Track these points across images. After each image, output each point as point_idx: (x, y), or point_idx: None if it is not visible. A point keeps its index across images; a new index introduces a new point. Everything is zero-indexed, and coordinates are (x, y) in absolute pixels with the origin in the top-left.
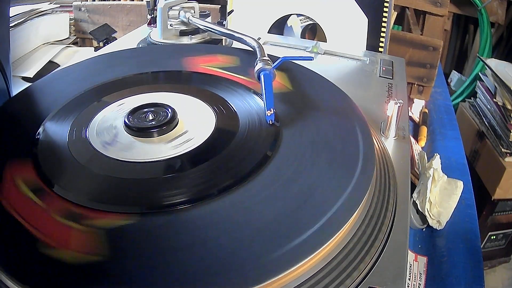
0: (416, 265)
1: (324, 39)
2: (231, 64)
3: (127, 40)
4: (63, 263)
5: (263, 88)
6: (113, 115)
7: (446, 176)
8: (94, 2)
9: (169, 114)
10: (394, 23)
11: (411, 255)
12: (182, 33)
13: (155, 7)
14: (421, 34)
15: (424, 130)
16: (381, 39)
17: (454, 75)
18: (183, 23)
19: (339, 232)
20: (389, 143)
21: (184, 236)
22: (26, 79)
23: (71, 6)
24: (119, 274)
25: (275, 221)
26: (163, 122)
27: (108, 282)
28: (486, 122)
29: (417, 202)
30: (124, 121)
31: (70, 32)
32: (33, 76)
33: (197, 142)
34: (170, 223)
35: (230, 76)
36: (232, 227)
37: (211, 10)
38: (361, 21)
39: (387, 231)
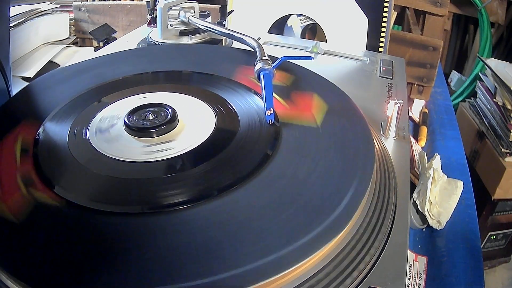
0: (416, 265)
1: (324, 39)
2: (282, 83)
3: (127, 40)
4: None
5: (263, 88)
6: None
7: (446, 176)
8: (94, 2)
9: (169, 114)
10: (394, 23)
11: (411, 255)
12: (182, 33)
13: (155, 7)
14: (421, 34)
15: (424, 130)
16: (381, 39)
17: (454, 75)
18: (183, 23)
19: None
20: (389, 143)
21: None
22: (26, 79)
23: (71, 6)
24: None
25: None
26: (163, 122)
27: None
28: (486, 122)
29: (417, 202)
30: (124, 121)
31: (70, 32)
32: (33, 76)
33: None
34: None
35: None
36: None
37: (211, 10)
38: (361, 21)
39: (387, 231)
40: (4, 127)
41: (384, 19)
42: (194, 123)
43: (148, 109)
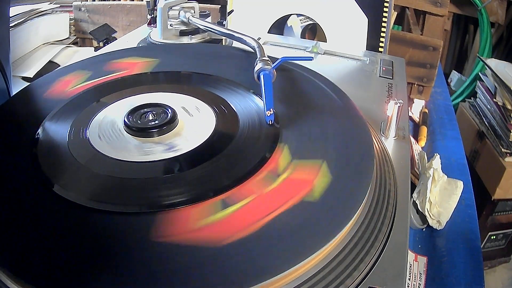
0: (416, 265)
1: (324, 39)
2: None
3: (127, 40)
4: None
5: (263, 89)
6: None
7: (446, 176)
8: (94, 2)
9: (169, 114)
10: (394, 23)
11: (411, 255)
12: (182, 33)
13: (155, 7)
14: (421, 34)
15: (424, 130)
16: (381, 39)
17: (454, 75)
18: (183, 23)
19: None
20: (389, 143)
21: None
22: (26, 79)
23: (71, 6)
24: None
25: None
26: (163, 122)
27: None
28: (486, 122)
29: (417, 202)
30: (124, 121)
31: (70, 32)
32: (33, 76)
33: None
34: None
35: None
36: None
37: (211, 10)
38: (361, 21)
39: (387, 231)
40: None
41: (384, 19)
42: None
43: (148, 109)
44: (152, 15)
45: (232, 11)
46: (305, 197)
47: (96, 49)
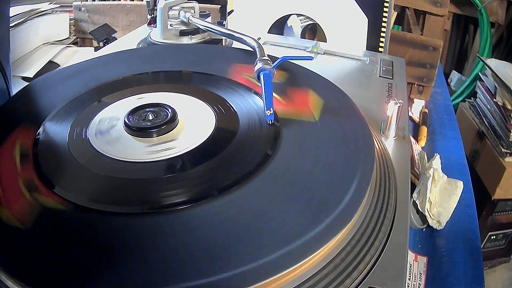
0: (416, 265)
1: (324, 39)
2: (276, 80)
3: (127, 40)
4: None
5: (263, 88)
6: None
7: (446, 176)
8: (94, 2)
9: (169, 114)
10: (394, 23)
11: (411, 255)
12: (182, 33)
13: (155, 7)
14: (421, 34)
15: (424, 130)
16: (381, 39)
17: (454, 75)
18: (183, 23)
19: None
20: (389, 143)
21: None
22: (26, 79)
23: (71, 6)
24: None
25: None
26: (163, 122)
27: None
28: (486, 122)
29: (417, 202)
30: (124, 121)
31: (70, 32)
32: (33, 76)
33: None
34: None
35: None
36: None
37: (211, 10)
38: (361, 21)
39: (387, 231)
40: (4, 127)
41: (384, 19)
42: (194, 123)
43: (148, 109)
44: (152, 15)
45: (232, 11)
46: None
47: (96, 49)
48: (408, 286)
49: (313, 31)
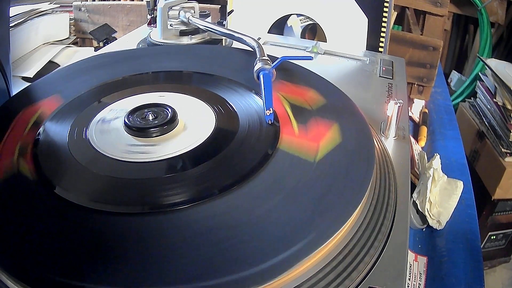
0: (416, 265)
1: (324, 39)
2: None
3: (127, 40)
4: None
5: (263, 88)
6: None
7: (446, 176)
8: (94, 2)
9: (169, 114)
10: (394, 23)
11: (411, 255)
12: (182, 33)
13: (155, 7)
14: (421, 34)
15: (424, 130)
16: (381, 39)
17: (454, 75)
18: (183, 23)
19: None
20: (389, 143)
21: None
22: (26, 79)
23: (71, 6)
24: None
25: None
26: (163, 122)
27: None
28: (486, 122)
29: (417, 202)
30: (124, 121)
31: (70, 32)
32: (33, 76)
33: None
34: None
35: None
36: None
37: (211, 10)
38: (361, 21)
39: (387, 231)
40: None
41: (384, 19)
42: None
43: (148, 109)
44: (152, 15)
45: (232, 11)
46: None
47: (96, 49)
48: (408, 286)
49: (313, 31)
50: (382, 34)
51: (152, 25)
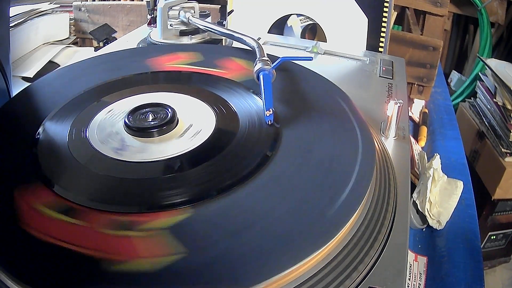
0: (416, 265)
1: (324, 39)
2: (196, 60)
3: (127, 40)
4: (145, 273)
5: (262, 88)
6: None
7: (446, 176)
8: (94, 2)
9: (169, 114)
10: (394, 23)
11: (411, 255)
12: (182, 33)
13: (155, 7)
14: (421, 34)
15: (424, 130)
16: (381, 39)
17: (454, 75)
18: (183, 23)
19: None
20: (389, 143)
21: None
22: (26, 79)
23: (71, 6)
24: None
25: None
26: (163, 122)
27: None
28: (486, 122)
29: (417, 202)
30: (124, 121)
31: (70, 32)
32: (33, 76)
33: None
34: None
35: (200, 70)
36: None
37: (211, 10)
38: (361, 21)
39: (387, 232)
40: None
41: (384, 19)
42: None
43: (148, 109)
44: (152, 15)
45: (232, 11)
46: None
47: (96, 49)
48: (408, 286)
49: (313, 31)
50: (382, 34)
51: (152, 25)
